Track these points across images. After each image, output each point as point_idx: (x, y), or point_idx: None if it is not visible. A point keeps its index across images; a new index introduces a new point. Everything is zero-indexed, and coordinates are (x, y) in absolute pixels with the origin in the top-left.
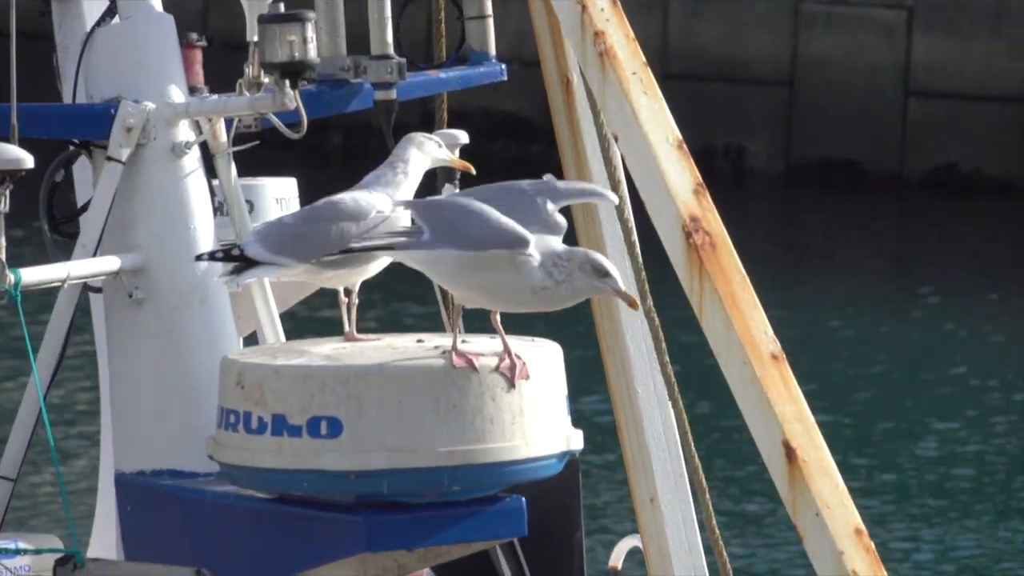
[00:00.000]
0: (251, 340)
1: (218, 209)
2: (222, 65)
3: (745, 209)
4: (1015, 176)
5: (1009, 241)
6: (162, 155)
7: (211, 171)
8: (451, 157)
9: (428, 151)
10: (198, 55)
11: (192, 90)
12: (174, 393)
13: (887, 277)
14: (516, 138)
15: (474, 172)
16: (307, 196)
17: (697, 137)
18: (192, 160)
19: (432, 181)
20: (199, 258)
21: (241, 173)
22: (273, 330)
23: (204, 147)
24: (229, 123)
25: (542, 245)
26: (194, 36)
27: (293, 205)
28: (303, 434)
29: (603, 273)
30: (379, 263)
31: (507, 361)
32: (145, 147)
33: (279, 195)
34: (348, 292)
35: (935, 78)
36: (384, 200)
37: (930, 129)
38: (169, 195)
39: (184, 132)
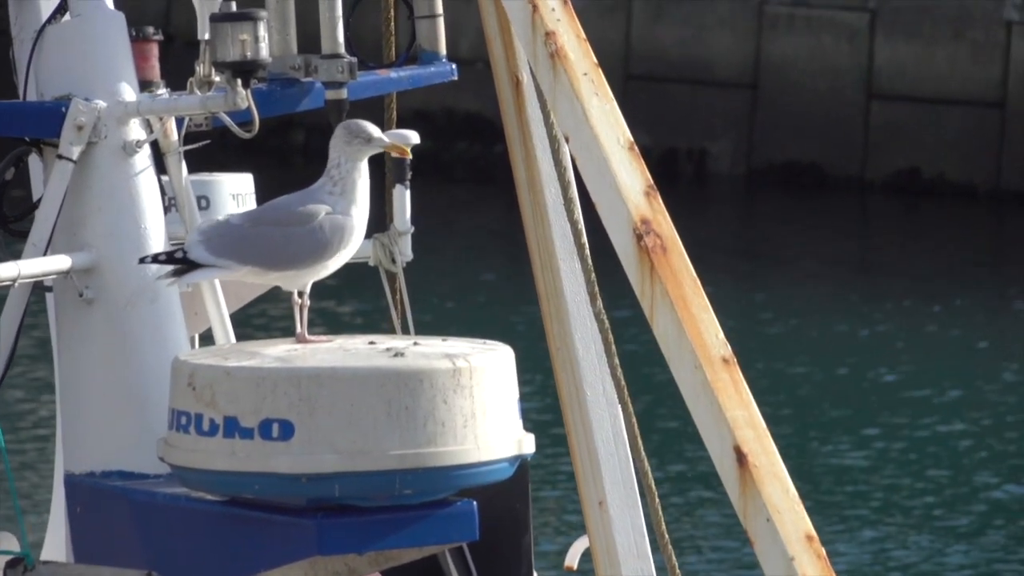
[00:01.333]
0: (207, 339)
1: (169, 207)
2: (183, 63)
3: (707, 212)
4: (978, 181)
5: (972, 246)
6: (113, 153)
7: (162, 169)
8: (386, 143)
9: (359, 147)
10: (154, 49)
11: (148, 84)
12: (124, 394)
13: (848, 280)
14: (479, 138)
15: (409, 156)
16: (269, 195)
17: (660, 139)
18: (143, 158)
19: (383, 181)
20: (143, 260)
21: (203, 171)
22: (223, 331)
23: (155, 145)
24: (180, 122)
25: None
26: (150, 30)
27: (249, 201)
28: (255, 436)
29: None
30: (328, 266)
31: None
32: (96, 145)
33: (235, 191)
34: (300, 293)
35: (897, 81)
36: (338, 204)
37: (892, 133)
38: (120, 194)
39: (135, 130)
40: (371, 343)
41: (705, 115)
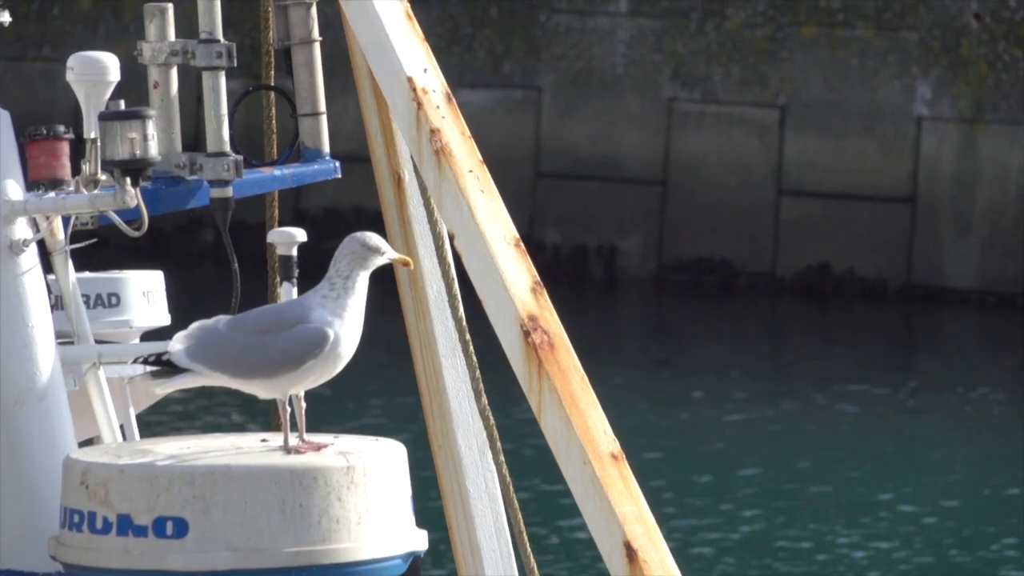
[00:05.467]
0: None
1: (56, 305)
2: None
3: (617, 308)
4: (888, 277)
5: (882, 342)
6: None
7: (49, 268)
8: (395, 256)
9: (373, 259)
10: (65, 147)
11: (59, 183)
12: (13, 492)
13: (758, 378)
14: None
15: (411, 266)
16: (180, 293)
17: (570, 236)
18: (30, 257)
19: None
20: (134, 361)
21: (115, 268)
22: (110, 429)
23: (42, 244)
24: (66, 221)
25: None
26: (61, 128)
27: (159, 298)
28: (149, 534)
29: None
30: (302, 374)
31: None
32: None
33: (145, 288)
34: (296, 396)
35: (807, 177)
36: (323, 313)
37: (803, 229)
38: (7, 292)
39: (21, 229)
40: (263, 440)
41: (615, 212)
